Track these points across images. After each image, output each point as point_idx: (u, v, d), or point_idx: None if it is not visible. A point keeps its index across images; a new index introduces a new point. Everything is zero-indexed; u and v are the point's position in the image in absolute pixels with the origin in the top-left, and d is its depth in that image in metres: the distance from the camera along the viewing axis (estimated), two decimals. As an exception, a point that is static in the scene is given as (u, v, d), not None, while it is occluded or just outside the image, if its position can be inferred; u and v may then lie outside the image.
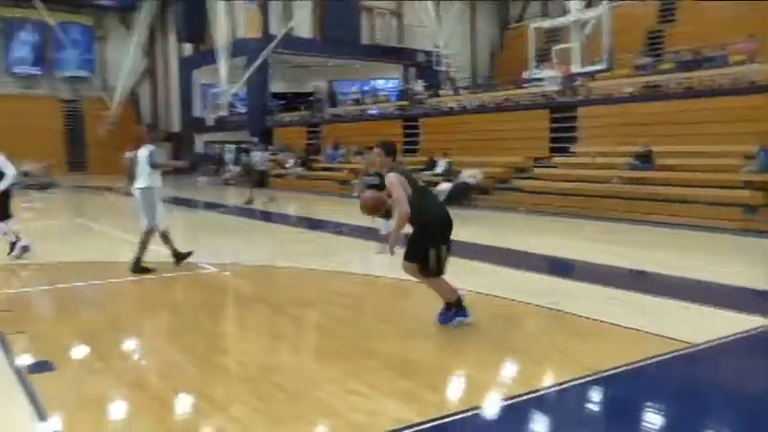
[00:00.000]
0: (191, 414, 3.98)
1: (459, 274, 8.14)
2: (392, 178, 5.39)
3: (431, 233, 5.42)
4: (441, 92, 26.48)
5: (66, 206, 20.06)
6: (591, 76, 19.99)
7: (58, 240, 11.56)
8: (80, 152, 34.82)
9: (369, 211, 5.96)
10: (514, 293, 6.89)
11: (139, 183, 8.18)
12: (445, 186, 17.59)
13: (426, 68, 31.11)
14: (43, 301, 7.19)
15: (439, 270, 5.43)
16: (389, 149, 5.71)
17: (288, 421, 3.76)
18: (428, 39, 31.18)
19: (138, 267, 8.09)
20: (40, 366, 4.65)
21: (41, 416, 3.82)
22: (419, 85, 27.61)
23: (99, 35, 36.82)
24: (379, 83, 34.54)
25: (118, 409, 4.03)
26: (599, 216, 13.81)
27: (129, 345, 5.56)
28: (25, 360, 4.83)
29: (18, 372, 4.56)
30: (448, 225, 5.51)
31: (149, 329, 6.10)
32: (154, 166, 8.09)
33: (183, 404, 4.07)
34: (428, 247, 5.35)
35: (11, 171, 9.08)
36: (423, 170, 19.59)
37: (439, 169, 18.99)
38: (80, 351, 5.17)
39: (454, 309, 5.58)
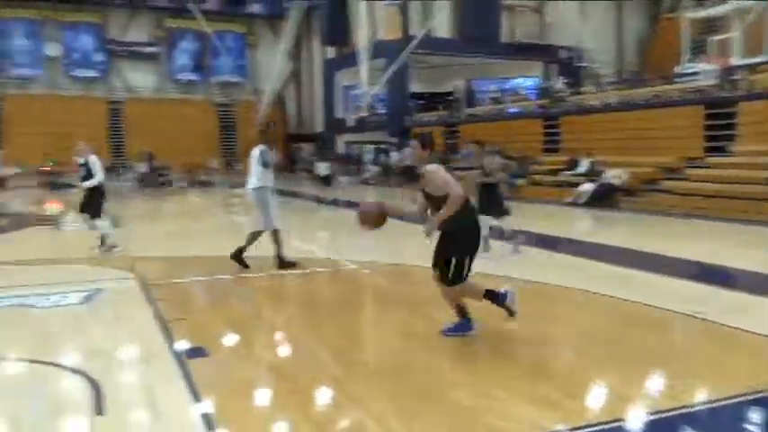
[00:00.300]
0: (330, 407, 4.11)
1: (594, 277, 7.87)
2: (433, 167, 5.14)
3: (454, 240, 5.17)
4: (583, 89, 25.53)
5: (224, 204, 21.43)
6: (753, 68, 18.45)
7: (216, 235, 12.41)
8: (232, 153, 37.15)
9: (368, 223, 5.29)
10: (654, 299, 6.47)
11: (252, 182, 8.33)
12: (588, 187, 17.00)
13: (568, 65, 30.13)
14: (200, 291, 7.75)
15: (456, 281, 5.17)
16: (425, 142, 5.39)
17: (425, 420, 3.77)
18: (571, 35, 30.18)
19: (282, 263, 8.46)
20: (196, 352, 5.00)
21: (197, 398, 4.10)
22: (560, 83, 26.78)
23: (250, 42, 39.14)
24: (519, 81, 33.84)
25: (264, 397, 4.26)
26: (757, 220, 12.70)
27: (273, 336, 5.84)
28: (183, 345, 5.22)
29: (177, 356, 4.94)
30: (473, 233, 5.24)
31: (291, 322, 6.37)
32: (265, 164, 8.25)
33: (323, 397, 4.21)
34: (451, 256, 5.13)
35: (99, 175, 9.75)
36: (564, 170, 19.08)
37: (581, 169, 18.37)
38: (230, 339, 5.51)
39: (461, 320, 5.32)
